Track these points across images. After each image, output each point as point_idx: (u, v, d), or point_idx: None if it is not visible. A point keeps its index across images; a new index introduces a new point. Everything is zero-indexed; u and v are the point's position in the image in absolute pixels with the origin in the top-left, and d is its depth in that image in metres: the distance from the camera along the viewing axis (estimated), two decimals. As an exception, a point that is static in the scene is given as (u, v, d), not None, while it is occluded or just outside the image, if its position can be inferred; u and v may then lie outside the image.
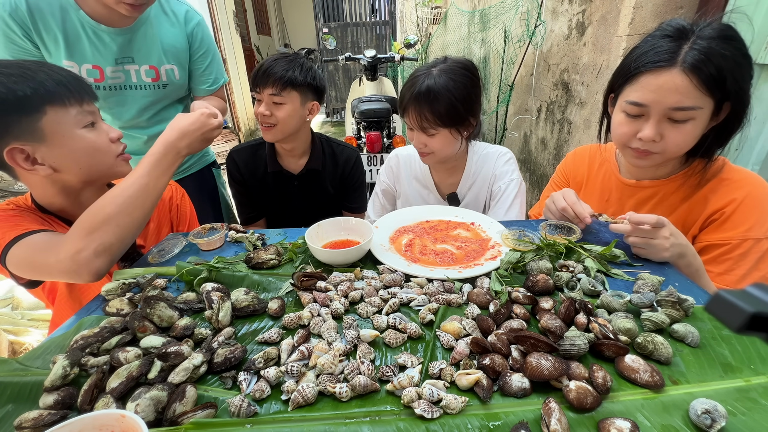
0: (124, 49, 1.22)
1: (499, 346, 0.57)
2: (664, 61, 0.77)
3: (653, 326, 0.62)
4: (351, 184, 1.49)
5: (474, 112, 1.13)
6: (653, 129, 0.81)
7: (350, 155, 1.48)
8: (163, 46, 1.28)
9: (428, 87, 1.06)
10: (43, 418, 0.49)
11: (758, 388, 0.52)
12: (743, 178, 0.88)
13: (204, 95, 1.45)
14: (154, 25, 1.25)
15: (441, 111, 1.07)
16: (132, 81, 1.27)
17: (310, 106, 1.32)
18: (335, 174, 1.46)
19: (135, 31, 1.22)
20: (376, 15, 7.33)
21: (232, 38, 5.36)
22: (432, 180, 1.33)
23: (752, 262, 0.83)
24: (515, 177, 1.23)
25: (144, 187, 0.82)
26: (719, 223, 0.87)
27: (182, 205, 1.18)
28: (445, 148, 1.16)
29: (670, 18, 0.86)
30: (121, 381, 0.52)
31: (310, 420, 0.50)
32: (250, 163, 1.41)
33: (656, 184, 0.96)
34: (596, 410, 0.50)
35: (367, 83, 3.33)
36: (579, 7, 1.98)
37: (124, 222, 0.79)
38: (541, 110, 2.47)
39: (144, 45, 1.25)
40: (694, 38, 0.76)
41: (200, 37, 1.35)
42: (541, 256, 0.81)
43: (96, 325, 0.66)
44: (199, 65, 1.38)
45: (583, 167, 1.14)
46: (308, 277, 0.77)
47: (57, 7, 1.13)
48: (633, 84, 0.83)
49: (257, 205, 1.48)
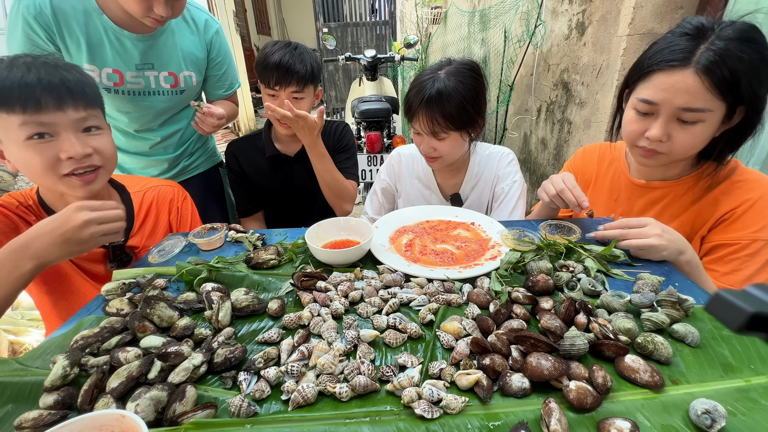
0: (145, 55, 1.24)
1: (499, 346, 0.57)
2: (678, 60, 0.76)
3: (653, 326, 0.62)
4: (341, 148, 1.50)
5: (482, 113, 1.13)
6: (661, 128, 0.80)
7: (338, 125, 1.51)
8: (182, 53, 1.29)
9: (438, 91, 1.05)
10: (43, 418, 0.49)
11: (758, 388, 0.52)
12: (757, 180, 0.86)
13: (218, 99, 1.49)
14: (175, 32, 1.27)
15: (453, 114, 1.06)
16: (151, 87, 1.28)
17: (318, 93, 1.36)
18: (328, 145, 1.45)
19: (156, 38, 1.24)
20: (376, 15, 7.32)
21: (232, 38, 5.36)
22: (435, 181, 1.32)
23: (760, 264, 0.81)
24: (518, 178, 1.23)
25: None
26: (729, 222, 0.86)
27: (183, 207, 1.17)
28: (454, 152, 1.15)
29: (670, 18, 0.86)
30: (121, 381, 0.52)
31: (310, 420, 0.50)
32: (248, 153, 1.43)
33: (666, 185, 0.95)
34: (596, 410, 0.50)
35: (367, 83, 3.34)
36: (579, 7, 1.98)
37: None
38: (541, 110, 2.47)
39: (165, 52, 1.26)
40: (713, 38, 0.74)
41: (218, 45, 1.37)
42: (541, 256, 0.81)
43: (96, 325, 0.66)
44: (215, 72, 1.41)
45: (592, 165, 1.13)
46: (308, 277, 0.77)
47: (81, 11, 1.14)
48: (646, 81, 0.82)
49: (256, 196, 1.49)
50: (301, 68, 1.22)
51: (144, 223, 1.07)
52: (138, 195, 1.08)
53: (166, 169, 1.45)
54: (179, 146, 1.45)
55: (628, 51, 1.62)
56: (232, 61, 1.47)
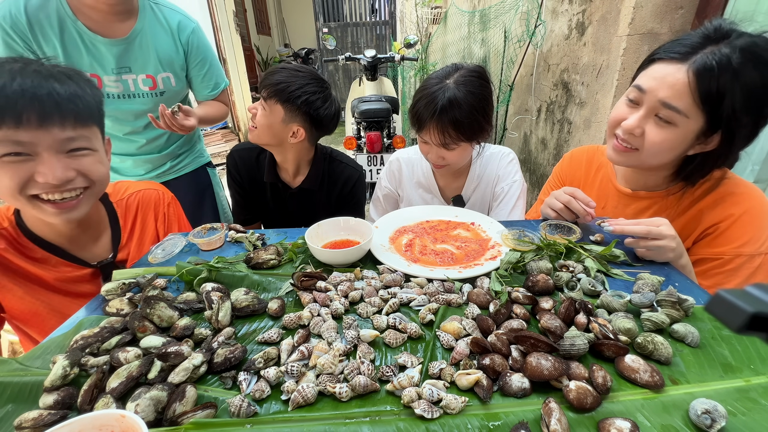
0: (121, 59, 1.25)
1: (499, 346, 0.57)
2: (680, 54, 0.74)
3: (653, 326, 0.62)
4: (349, 202, 1.43)
5: (490, 120, 1.11)
6: (637, 120, 0.80)
7: (351, 175, 1.39)
8: (158, 55, 1.29)
9: (450, 103, 1.02)
10: (43, 418, 0.49)
11: (758, 388, 0.52)
12: (743, 193, 0.84)
13: (206, 100, 1.48)
14: (149, 34, 1.27)
15: (464, 126, 1.04)
16: (130, 90, 1.30)
17: (295, 129, 1.19)
18: (332, 192, 1.41)
19: (131, 42, 1.25)
20: (376, 15, 7.33)
21: (232, 38, 5.35)
22: (436, 184, 1.32)
23: (743, 278, 0.81)
24: (518, 178, 1.23)
25: None
26: (713, 237, 0.85)
27: (169, 212, 1.10)
28: (462, 159, 1.15)
29: (670, 18, 0.86)
30: (121, 381, 0.52)
31: (310, 420, 0.50)
32: (251, 167, 1.39)
33: (651, 196, 0.94)
34: (596, 410, 0.50)
35: (367, 83, 3.34)
36: (579, 7, 1.98)
37: None
38: (541, 110, 2.47)
39: (141, 55, 1.27)
40: (723, 44, 0.70)
41: (196, 45, 1.35)
42: (541, 256, 0.81)
43: (96, 325, 0.66)
44: (198, 72, 1.40)
45: (580, 171, 1.12)
46: (308, 277, 0.77)
47: (55, 19, 1.15)
48: (647, 69, 0.81)
49: (254, 209, 1.46)
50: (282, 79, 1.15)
51: (131, 234, 1.01)
52: (121, 204, 1.01)
53: (152, 168, 1.47)
54: (165, 147, 1.46)
55: (628, 51, 1.62)
56: (215, 60, 1.44)
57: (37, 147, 0.70)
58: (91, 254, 0.94)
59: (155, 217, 1.07)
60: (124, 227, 1.01)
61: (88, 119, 0.77)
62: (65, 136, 0.72)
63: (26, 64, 0.70)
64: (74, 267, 0.90)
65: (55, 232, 0.88)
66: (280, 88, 1.15)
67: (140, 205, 1.05)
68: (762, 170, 1.39)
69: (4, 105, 0.66)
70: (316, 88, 1.19)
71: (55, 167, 0.71)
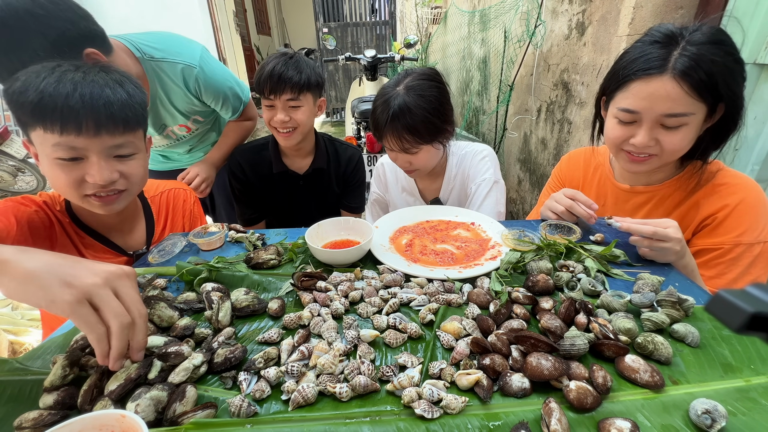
0: (156, 122, 1.35)
1: (499, 346, 0.57)
2: (654, 68, 0.77)
3: (653, 326, 0.62)
4: (352, 183, 1.49)
5: (449, 120, 1.12)
6: (646, 135, 0.81)
7: (353, 154, 1.47)
8: (178, 109, 1.35)
9: (400, 108, 1.04)
10: (43, 418, 0.49)
11: (758, 388, 0.52)
12: (738, 183, 0.87)
13: (230, 122, 1.55)
14: (163, 94, 1.30)
15: (419, 129, 1.06)
16: (173, 139, 1.47)
17: (320, 103, 1.33)
18: (338, 172, 1.46)
19: (154, 105, 1.30)
20: (376, 15, 7.32)
21: (232, 38, 5.34)
22: (417, 187, 1.33)
23: (743, 266, 0.83)
24: (488, 176, 1.20)
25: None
26: (712, 227, 0.87)
27: (194, 211, 1.18)
28: (430, 162, 1.16)
29: (670, 18, 0.86)
30: (119, 383, 0.52)
31: (310, 420, 0.50)
32: (254, 163, 1.40)
33: (650, 190, 0.96)
34: (596, 410, 0.50)
35: (367, 83, 3.33)
36: (579, 7, 1.98)
37: None
38: (541, 110, 2.47)
39: (167, 114, 1.35)
40: (684, 44, 0.76)
41: (204, 87, 1.34)
42: (541, 256, 0.81)
43: (96, 325, 0.66)
44: (215, 106, 1.43)
45: (578, 171, 1.13)
46: (308, 277, 0.77)
47: None
48: (624, 91, 0.82)
49: (259, 207, 1.47)
50: (295, 75, 1.19)
51: (164, 228, 1.09)
52: (155, 200, 1.09)
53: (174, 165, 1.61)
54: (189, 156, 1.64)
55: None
56: (227, 90, 1.40)
57: (88, 151, 0.77)
58: (127, 245, 1.01)
59: (183, 214, 1.15)
60: (158, 221, 1.08)
61: (135, 125, 0.83)
62: (114, 143, 0.79)
63: (85, 73, 0.75)
64: (114, 255, 0.97)
65: (98, 221, 0.94)
66: (304, 79, 1.21)
67: (171, 202, 1.13)
68: (762, 170, 1.39)
69: (68, 115, 0.71)
70: (307, 60, 1.26)
71: (103, 170, 0.78)
